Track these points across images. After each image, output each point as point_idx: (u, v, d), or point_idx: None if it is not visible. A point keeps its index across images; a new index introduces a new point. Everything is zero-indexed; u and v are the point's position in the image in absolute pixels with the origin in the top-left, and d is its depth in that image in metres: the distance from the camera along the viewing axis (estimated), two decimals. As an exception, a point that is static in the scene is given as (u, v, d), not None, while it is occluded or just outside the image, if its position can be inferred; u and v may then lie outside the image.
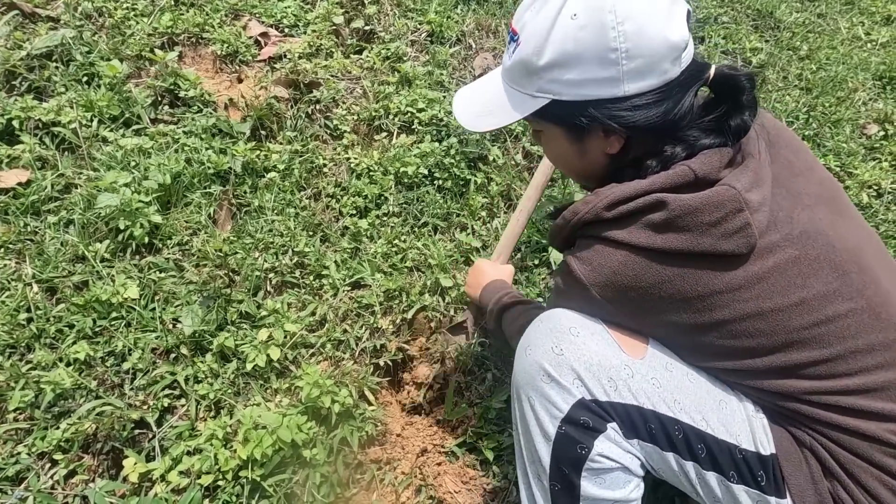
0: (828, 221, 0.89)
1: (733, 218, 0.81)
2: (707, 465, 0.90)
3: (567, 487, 0.92)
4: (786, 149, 0.95)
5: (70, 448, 1.30)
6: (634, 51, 0.80)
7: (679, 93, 0.85)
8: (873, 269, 0.88)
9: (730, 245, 0.82)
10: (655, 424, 0.89)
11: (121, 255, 1.64)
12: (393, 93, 2.20)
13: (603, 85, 0.83)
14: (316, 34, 2.36)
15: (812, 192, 0.91)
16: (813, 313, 0.84)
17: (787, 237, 0.85)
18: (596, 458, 0.89)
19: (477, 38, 2.53)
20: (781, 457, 0.89)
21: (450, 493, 1.38)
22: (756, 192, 0.84)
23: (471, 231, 1.89)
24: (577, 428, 0.89)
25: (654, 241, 0.84)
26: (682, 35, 0.81)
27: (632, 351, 0.92)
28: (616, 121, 0.85)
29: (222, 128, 1.98)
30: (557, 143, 0.97)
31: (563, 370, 0.90)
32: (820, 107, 2.47)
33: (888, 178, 2.16)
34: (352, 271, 1.72)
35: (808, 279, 0.84)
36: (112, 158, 1.79)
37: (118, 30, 2.16)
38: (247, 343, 1.50)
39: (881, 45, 2.93)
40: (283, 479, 1.30)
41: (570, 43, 0.82)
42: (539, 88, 0.89)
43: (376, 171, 1.97)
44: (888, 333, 0.86)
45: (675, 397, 0.90)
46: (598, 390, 0.89)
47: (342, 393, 1.39)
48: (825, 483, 0.87)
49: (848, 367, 0.85)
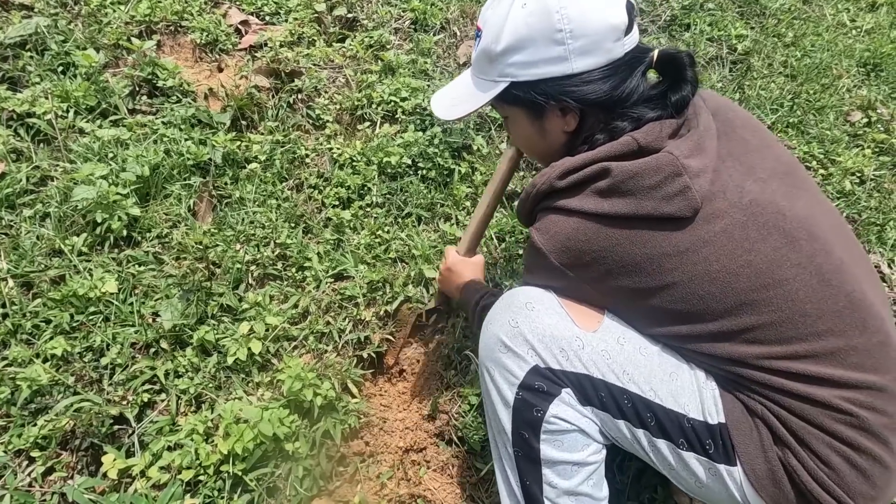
0: (781, 193, 0.91)
1: (672, 181, 0.87)
2: (657, 433, 0.94)
3: (528, 452, 0.97)
4: (742, 128, 0.99)
5: (47, 445, 1.29)
6: (578, 31, 0.90)
7: (625, 71, 0.95)
8: (826, 239, 0.90)
9: (671, 207, 0.87)
10: (605, 393, 0.94)
11: (98, 248, 1.62)
12: (376, 82, 2.17)
13: (553, 63, 0.93)
14: (298, 22, 2.33)
15: (767, 166, 0.95)
16: (760, 276, 0.87)
17: (734, 204, 0.88)
18: (551, 419, 0.94)
19: (461, 26, 2.50)
20: (731, 425, 0.91)
21: (434, 485, 1.38)
22: (696, 160, 0.89)
23: (455, 221, 1.88)
24: (533, 393, 0.95)
25: (601, 207, 0.91)
26: (621, 18, 0.91)
27: (585, 324, 0.97)
28: (569, 96, 0.95)
29: (202, 118, 1.95)
30: (521, 125, 1.06)
31: (517, 341, 0.96)
32: (804, 94, 2.46)
33: (871, 165, 2.17)
34: (335, 263, 1.70)
35: (756, 244, 0.87)
36: (89, 150, 1.76)
37: (94, 18, 2.11)
38: (228, 336, 1.48)
39: (866, 32, 2.93)
40: (266, 473, 1.29)
41: (522, 28, 0.93)
42: (500, 73, 0.99)
43: (359, 161, 1.95)
44: (838, 300, 0.87)
45: (625, 369, 0.95)
46: (551, 359, 0.95)
47: (325, 386, 1.39)
48: (775, 450, 0.88)
49: (797, 331, 0.86)
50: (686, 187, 0.87)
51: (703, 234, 0.88)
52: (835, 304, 0.87)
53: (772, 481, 0.88)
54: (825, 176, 2.15)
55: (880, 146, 2.30)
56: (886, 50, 2.75)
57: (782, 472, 0.88)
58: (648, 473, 1.38)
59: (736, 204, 0.89)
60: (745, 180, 0.91)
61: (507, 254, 1.84)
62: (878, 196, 2.11)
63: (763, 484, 0.89)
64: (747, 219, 0.88)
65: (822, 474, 0.85)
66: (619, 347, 0.96)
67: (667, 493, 1.37)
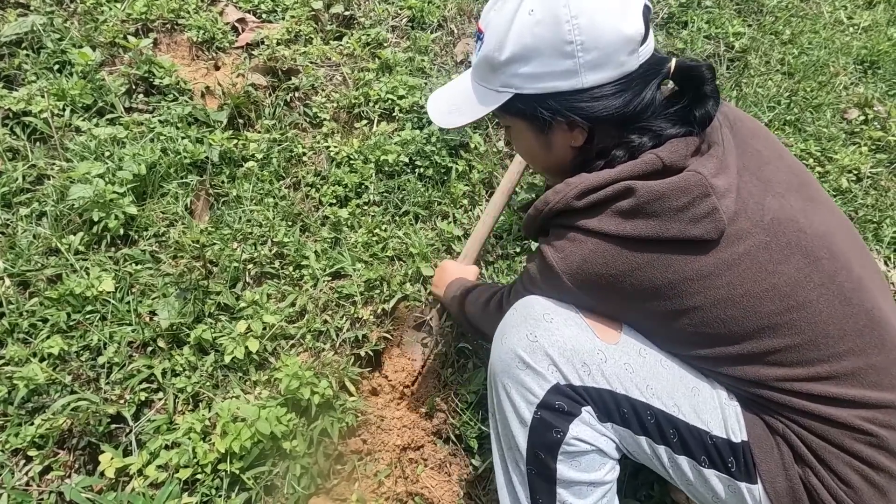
0: (799, 208, 0.89)
1: (700, 203, 0.83)
2: (678, 450, 0.91)
3: (543, 471, 0.93)
4: (753, 139, 0.97)
5: (45, 444, 1.29)
6: (589, 43, 0.83)
7: (639, 85, 0.88)
8: (845, 255, 0.89)
9: (698, 230, 0.83)
10: (628, 409, 0.91)
11: (95, 247, 1.61)
12: (373, 80, 2.17)
13: (561, 77, 0.86)
14: (294, 20, 2.32)
15: (782, 179, 0.92)
16: (784, 299, 0.85)
17: (757, 224, 0.85)
18: (571, 441, 0.90)
19: (459, 24, 2.50)
20: (753, 443, 0.90)
21: (431, 482, 1.38)
22: (722, 178, 0.85)
23: (452, 219, 1.88)
24: (553, 413, 0.91)
25: (623, 229, 0.86)
26: (636, 29, 0.83)
27: (605, 336, 0.93)
28: (577, 112, 0.88)
29: (199, 116, 1.94)
30: (524, 137, 0.99)
31: (537, 356, 0.91)
32: (801, 91, 2.47)
33: (867, 163, 2.17)
34: (332, 261, 1.70)
35: (779, 265, 0.85)
36: (85, 148, 1.75)
37: (90, 16, 2.11)
38: (225, 335, 1.48)
39: (863, 30, 2.93)
40: (263, 472, 1.30)
41: (528, 37, 0.85)
42: (502, 83, 0.92)
43: (356, 159, 1.95)
44: (858, 319, 0.86)
45: (648, 383, 0.91)
46: (573, 375, 0.90)
47: (322, 384, 1.39)
48: (796, 469, 0.87)
49: (819, 353, 0.85)
50: (714, 209, 0.82)
51: (726, 257, 0.84)
52: (855, 323, 0.86)
53: (791, 499, 0.88)
54: (822, 174, 2.16)
55: (877, 143, 2.30)
56: (883, 47, 2.75)
57: (802, 491, 0.87)
58: (645, 471, 1.38)
59: (758, 223, 0.85)
60: (765, 196, 0.88)
61: (504, 252, 1.85)
62: (874, 193, 2.12)
63: (783, 502, 0.88)
64: (770, 239, 0.85)
65: (841, 493, 0.85)
66: (641, 360, 0.93)
67: (663, 491, 1.37)
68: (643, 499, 1.37)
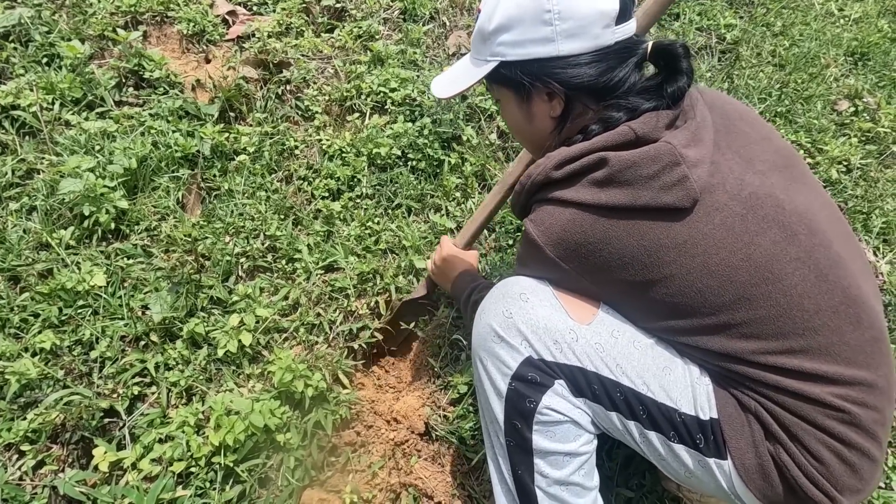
0: (780, 186, 0.91)
1: (671, 171, 0.86)
2: (648, 426, 0.94)
3: (520, 442, 0.98)
4: (741, 121, 1.00)
5: (38, 439, 1.28)
6: (566, 13, 0.90)
7: (614, 60, 0.94)
8: (824, 233, 0.90)
9: (670, 198, 0.86)
10: (598, 386, 0.95)
11: (86, 241, 1.61)
12: (365, 72, 2.16)
13: (540, 43, 0.94)
14: (286, 12, 2.31)
15: (767, 158, 0.94)
16: (759, 271, 0.86)
17: (734, 197, 0.88)
18: (544, 410, 0.95)
19: (451, 16, 2.49)
20: (723, 420, 0.91)
21: (425, 474, 1.39)
22: (693, 150, 0.89)
23: (445, 212, 1.88)
24: (526, 384, 0.95)
25: (598, 198, 0.90)
26: (611, 5, 0.90)
27: (579, 317, 0.97)
28: (554, 78, 0.95)
29: (189, 110, 1.93)
30: (510, 108, 1.07)
31: (510, 331, 0.96)
32: (792, 83, 2.48)
33: (857, 154, 2.18)
34: (325, 254, 1.70)
35: (755, 237, 0.87)
36: (75, 142, 1.74)
37: (79, 8, 2.09)
38: (218, 329, 1.48)
39: (854, 21, 2.94)
40: (257, 465, 1.30)
41: (513, 8, 0.94)
42: (490, 52, 1.00)
43: (349, 152, 1.95)
44: (834, 296, 0.87)
45: (618, 362, 0.95)
46: (544, 351, 0.95)
47: (315, 377, 1.39)
48: (766, 445, 0.89)
49: (793, 326, 0.86)
50: (684, 177, 0.86)
51: (701, 227, 0.87)
52: (831, 299, 0.87)
53: (761, 475, 0.89)
54: (812, 165, 2.17)
55: (866, 135, 2.32)
56: (874, 39, 2.76)
57: (772, 467, 0.89)
58: (637, 460, 1.40)
59: (735, 196, 0.88)
60: (745, 173, 0.91)
61: (497, 244, 1.85)
62: (864, 184, 2.13)
63: (752, 477, 0.90)
64: (746, 211, 0.87)
65: (812, 469, 0.86)
66: (612, 340, 0.96)
67: (655, 479, 1.38)
68: (635, 488, 1.38)
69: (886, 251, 1.96)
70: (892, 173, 2.21)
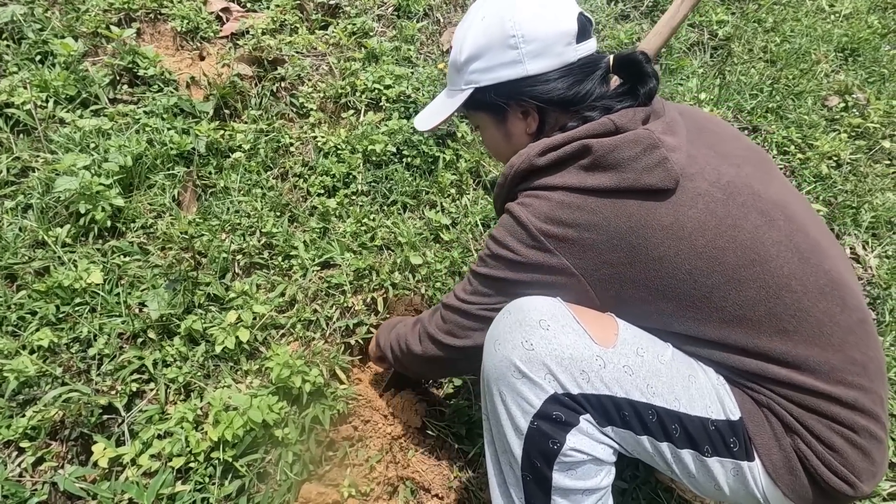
0: (755, 177, 0.95)
1: (651, 153, 0.91)
2: (681, 444, 0.91)
3: (539, 479, 0.93)
4: (710, 123, 1.06)
5: (37, 435, 1.29)
6: (529, 36, 0.98)
7: (580, 74, 1.01)
8: (801, 220, 0.93)
9: (652, 178, 0.90)
10: (629, 411, 0.90)
11: (83, 239, 1.61)
12: (360, 69, 2.17)
13: (509, 66, 1.01)
14: (280, 9, 2.31)
15: (739, 154, 0.99)
16: (746, 252, 0.89)
17: (713, 184, 0.92)
18: (568, 452, 0.90)
19: (445, 13, 2.50)
20: (746, 418, 0.92)
21: (422, 467, 1.41)
22: (670, 137, 0.93)
23: (440, 208, 1.90)
24: (550, 423, 0.90)
25: (585, 182, 0.93)
26: (570, 25, 0.99)
27: (602, 340, 0.92)
28: (526, 95, 1.02)
29: (184, 107, 1.93)
30: (488, 130, 1.13)
31: (534, 365, 0.90)
32: (784, 79, 2.50)
33: (847, 149, 2.21)
34: (321, 251, 1.71)
35: (738, 220, 0.90)
36: (70, 140, 1.74)
37: (72, 6, 2.08)
38: (215, 326, 1.49)
39: (844, 17, 2.97)
40: (256, 459, 1.31)
41: (481, 37, 1.02)
42: (465, 81, 1.07)
43: (344, 149, 1.95)
44: (818, 277, 0.90)
45: (648, 382, 0.91)
46: (571, 384, 0.90)
47: (313, 372, 1.40)
48: (787, 439, 0.90)
49: (785, 307, 0.88)
50: (664, 158, 0.90)
51: (686, 210, 0.90)
52: (816, 280, 0.89)
53: (787, 469, 0.90)
54: (803, 160, 2.19)
55: (856, 130, 2.35)
56: (864, 35, 2.79)
57: (796, 459, 0.89)
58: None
59: (714, 183, 0.91)
60: (721, 164, 0.94)
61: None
62: (853, 179, 2.16)
63: (780, 474, 0.90)
64: (727, 197, 0.91)
65: (829, 457, 0.87)
66: (639, 360, 0.92)
67: (648, 471, 1.41)
68: (629, 479, 1.40)
69: (875, 245, 1.99)
70: (881, 168, 2.24)
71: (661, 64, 2.49)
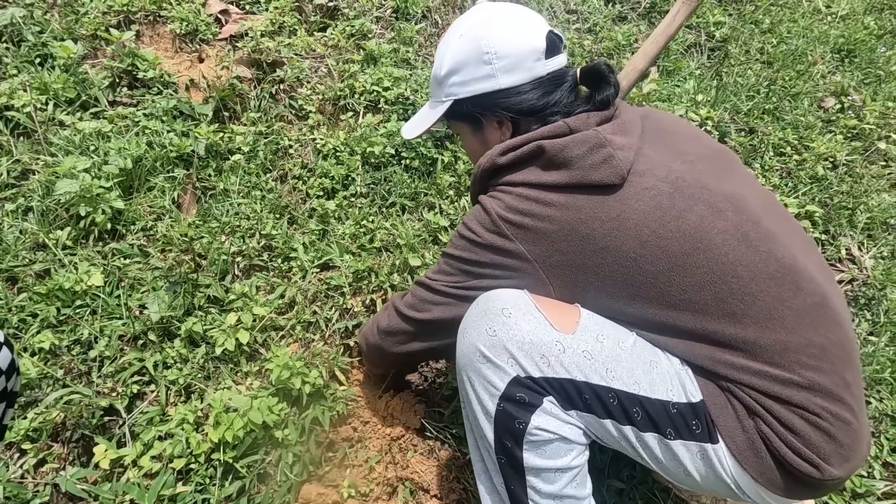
0: (708, 172, 1.00)
1: (597, 151, 0.98)
2: (644, 427, 0.96)
3: (511, 460, 0.98)
4: (672, 124, 1.12)
5: (38, 437, 1.30)
6: (501, 52, 1.07)
7: (549, 86, 1.10)
8: (753, 213, 0.97)
9: (598, 175, 0.97)
10: (590, 395, 0.96)
11: (83, 241, 1.62)
12: (358, 71, 2.18)
13: (484, 80, 1.10)
14: (278, 11, 2.32)
15: (696, 152, 1.05)
16: (690, 240, 0.94)
17: (662, 179, 0.98)
18: (533, 431, 0.95)
19: (443, 14, 2.51)
20: (708, 401, 0.95)
21: (421, 468, 1.42)
22: (620, 137, 1.00)
23: (439, 210, 1.91)
24: (514, 404, 0.96)
25: (542, 178, 1.02)
26: (539, 42, 1.08)
27: (563, 326, 0.98)
28: (500, 107, 1.11)
29: (184, 110, 1.94)
30: (467, 138, 1.22)
31: (497, 350, 0.97)
32: (780, 80, 2.51)
33: (843, 151, 2.23)
34: (320, 253, 1.72)
35: (683, 212, 0.95)
36: (70, 143, 1.75)
37: (71, 8, 2.09)
38: (215, 327, 1.50)
39: (841, 18, 2.98)
40: (256, 460, 1.32)
41: (459, 53, 1.11)
42: (445, 94, 1.16)
43: (343, 151, 1.96)
44: (768, 264, 0.93)
45: (608, 366, 0.96)
46: (532, 367, 0.96)
47: (313, 374, 1.41)
48: (750, 421, 0.93)
49: (731, 291, 0.92)
50: (610, 156, 0.97)
51: (633, 203, 0.96)
52: (766, 267, 0.93)
53: (752, 452, 0.93)
54: (799, 161, 2.21)
55: (852, 131, 2.36)
56: (860, 36, 2.80)
57: (760, 442, 0.92)
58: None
59: (664, 179, 0.98)
60: (673, 162, 1.01)
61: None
62: (849, 181, 2.17)
63: (745, 456, 0.93)
64: (674, 191, 0.96)
65: (791, 439, 0.90)
66: (599, 346, 0.97)
67: (645, 471, 1.42)
68: (626, 479, 1.41)
69: (871, 246, 2.01)
70: (877, 170, 2.25)
71: (658, 67, 2.51)
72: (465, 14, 1.17)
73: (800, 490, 0.94)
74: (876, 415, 1.56)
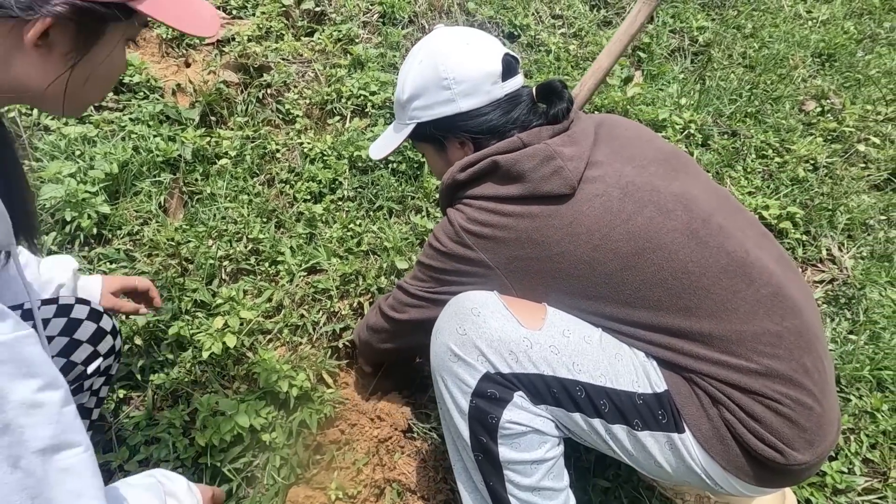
0: (658, 175, 1.05)
1: (547, 164, 1.03)
2: (612, 419, 0.99)
3: (488, 455, 1.02)
4: (626, 130, 1.17)
5: (24, 443, 1.29)
6: (459, 77, 1.11)
7: (507, 106, 1.13)
8: (703, 210, 1.01)
9: (548, 186, 1.02)
10: (558, 388, 0.99)
11: (69, 246, 1.62)
12: (345, 76, 2.19)
13: (444, 105, 1.14)
14: (265, 16, 2.33)
15: (646, 155, 1.09)
16: (639, 241, 0.98)
17: (612, 185, 1.02)
18: (506, 425, 0.99)
19: (430, 19, 2.53)
20: (673, 391, 0.98)
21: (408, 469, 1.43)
22: (570, 148, 1.05)
23: (425, 213, 1.92)
24: (486, 400, 1.00)
25: (499, 191, 1.07)
26: (495, 67, 1.11)
27: (530, 323, 1.01)
28: (461, 129, 1.15)
29: (170, 114, 1.95)
30: (432, 159, 1.27)
31: (467, 348, 1.01)
32: (762, 84, 2.56)
33: (823, 153, 2.27)
34: (308, 256, 1.73)
35: (633, 215, 1.00)
36: (55, 148, 1.75)
37: (56, 13, 2.08)
38: (202, 331, 1.50)
39: (821, 23, 3.04)
40: (244, 464, 1.33)
41: (419, 79, 1.15)
42: (409, 117, 1.20)
43: (330, 155, 1.97)
44: (719, 258, 0.97)
45: (574, 360, 0.99)
46: (501, 363, 0.99)
47: (300, 377, 1.42)
48: (714, 409, 0.96)
49: (683, 286, 0.96)
50: (560, 167, 1.02)
51: (584, 209, 1.01)
52: (717, 261, 0.97)
53: (718, 439, 0.96)
54: (780, 164, 2.24)
55: (832, 134, 2.40)
56: (840, 41, 2.86)
57: (725, 429, 0.95)
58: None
59: (614, 185, 1.02)
60: (624, 167, 1.05)
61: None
62: (829, 182, 2.21)
63: (711, 444, 0.96)
64: (624, 195, 1.01)
65: (754, 425, 0.93)
66: (565, 340, 1.01)
67: (630, 469, 1.43)
68: (611, 478, 1.43)
69: (850, 246, 2.05)
70: (856, 171, 2.30)
71: (642, 71, 2.54)
72: (425, 39, 1.20)
73: (769, 477, 0.97)
74: (856, 412, 1.59)
